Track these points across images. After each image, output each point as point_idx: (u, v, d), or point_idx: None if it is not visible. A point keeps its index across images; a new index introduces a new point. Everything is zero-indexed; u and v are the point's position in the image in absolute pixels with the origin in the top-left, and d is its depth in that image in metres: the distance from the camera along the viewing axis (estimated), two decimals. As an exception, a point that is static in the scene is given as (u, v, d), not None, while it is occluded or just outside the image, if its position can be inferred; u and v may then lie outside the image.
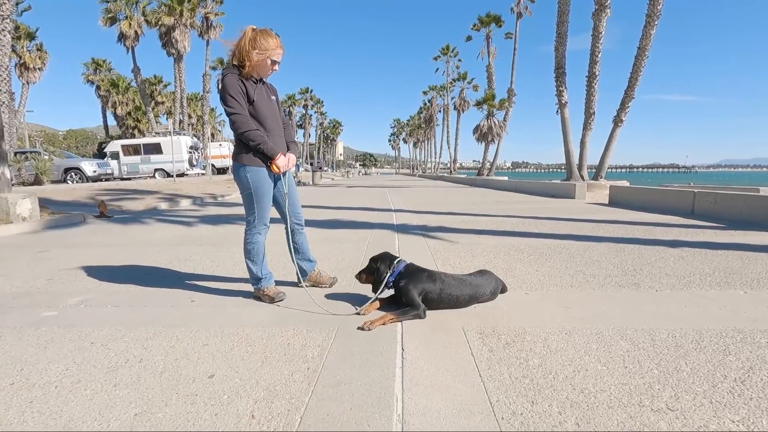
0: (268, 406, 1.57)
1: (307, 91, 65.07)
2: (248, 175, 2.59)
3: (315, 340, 2.15)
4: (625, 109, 16.42)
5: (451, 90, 44.99)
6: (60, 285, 3.27)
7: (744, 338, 2.14)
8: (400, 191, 16.59)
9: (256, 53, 2.49)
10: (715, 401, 1.58)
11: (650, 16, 14.97)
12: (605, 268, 3.59)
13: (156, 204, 9.95)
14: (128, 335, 2.24)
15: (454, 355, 1.99)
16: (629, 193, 9.96)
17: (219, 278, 3.40)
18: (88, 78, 38.34)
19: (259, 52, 2.49)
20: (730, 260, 3.82)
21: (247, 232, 2.72)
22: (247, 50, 2.48)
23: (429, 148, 66.95)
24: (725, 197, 7.10)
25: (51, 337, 2.23)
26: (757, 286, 3.03)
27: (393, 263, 2.61)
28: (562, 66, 17.68)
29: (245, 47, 2.49)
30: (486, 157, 33.44)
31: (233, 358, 1.96)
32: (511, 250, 4.41)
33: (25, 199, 6.52)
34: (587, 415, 1.50)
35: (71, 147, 51.88)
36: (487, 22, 32.68)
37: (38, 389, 1.71)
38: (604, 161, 17.38)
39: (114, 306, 2.75)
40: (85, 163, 19.44)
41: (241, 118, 2.48)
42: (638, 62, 15.72)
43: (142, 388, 1.70)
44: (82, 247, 4.96)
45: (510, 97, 30.71)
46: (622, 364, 1.87)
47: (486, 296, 2.67)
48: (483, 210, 8.74)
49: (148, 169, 24.23)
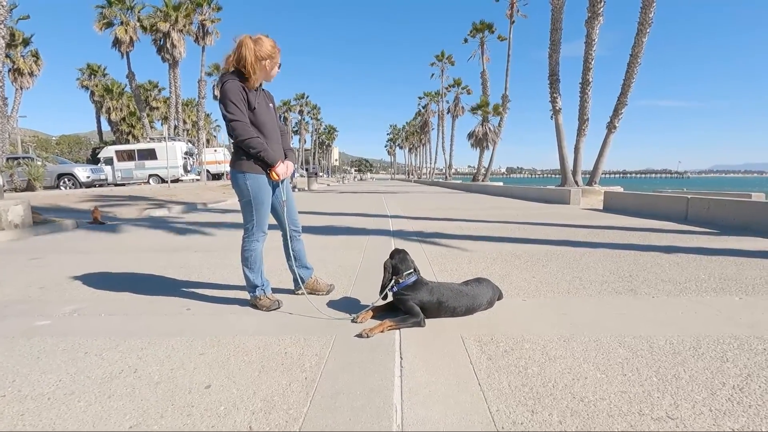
0: (266, 417, 1.55)
1: (303, 97, 65.21)
2: (248, 182, 2.58)
3: (313, 349, 2.13)
4: (618, 115, 16.56)
5: (446, 96, 45.24)
6: (53, 293, 3.23)
7: (741, 345, 2.15)
8: (396, 197, 16.60)
9: (268, 62, 2.54)
10: (715, 409, 1.58)
11: (642, 23, 15.17)
12: (602, 275, 3.60)
13: (150, 210, 9.88)
14: (123, 345, 2.21)
15: (453, 363, 1.98)
16: (623, 198, 10.03)
17: (215, 286, 3.37)
18: (83, 83, 38.21)
19: (270, 61, 2.54)
20: (725, 266, 3.85)
21: (245, 240, 2.70)
22: (252, 62, 2.47)
23: (424, 153, 67.20)
24: (718, 203, 7.17)
25: (44, 347, 2.19)
26: (753, 292, 3.05)
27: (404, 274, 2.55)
28: (556, 73, 17.84)
29: (249, 59, 2.46)
30: (481, 162, 33.57)
31: (230, 368, 1.94)
32: (507, 257, 4.42)
33: (18, 205, 6.44)
34: (588, 425, 1.50)
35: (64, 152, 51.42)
36: (481, 29, 32.95)
37: (30, 401, 1.67)
38: (598, 167, 17.50)
39: (108, 315, 2.71)
40: (78, 168, 19.27)
41: (242, 125, 2.47)
42: (631, 69, 15.89)
43: (137, 400, 1.67)
44: (76, 254, 4.90)
45: (504, 103, 30.90)
46: (621, 372, 1.87)
47: (483, 306, 2.67)
48: (479, 216, 8.76)
49: (142, 175, 24.07)
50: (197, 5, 27.76)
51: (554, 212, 9.42)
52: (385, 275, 2.58)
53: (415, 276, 2.57)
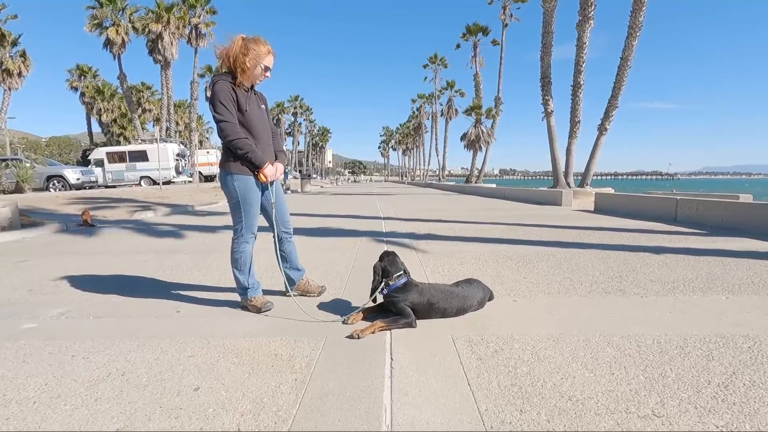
0: (255, 419, 1.55)
1: (297, 99, 65.07)
2: (236, 183, 2.57)
3: (303, 351, 2.13)
4: (609, 117, 16.76)
5: (439, 98, 45.42)
6: (40, 296, 3.19)
7: (726, 343, 2.18)
8: (389, 198, 16.61)
9: (248, 60, 2.49)
10: (700, 407, 1.60)
11: (632, 27, 15.38)
12: (592, 275, 3.63)
13: (141, 212, 9.79)
14: (111, 348, 2.19)
15: (443, 363, 1.99)
16: (614, 200, 10.14)
17: (205, 288, 3.35)
18: (73, 84, 37.80)
19: (251, 58, 2.49)
20: (713, 266, 3.90)
21: (235, 241, 2.69)
22: (239, 59, 2.48)
23: (418, 155, 67.33)
24: (707, 204, 7.27)
25: (30, 351, 2.16)
26: (739, 292, 3.09)
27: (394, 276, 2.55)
28: (548, 76, 18.02)
29: (237, 56, 2.48)
30: (474, 164, 33.73)
31: (219, 370, 1.93)
32: (499, 258, 4.44)
33: (5, 207, 6.36)
34: (575, 423, 1.51)
35: (54, 154, 50.85)
36: (474, 32, 33.17)
37: (15, 405, 1.65)
38: (590, 168, 17.68)
39: (96, 317, 2.68)
40: (68, 170, 19.04)
41: (230, 126, 2.46)
42: (621, 72, 16.10)
43: (124, 403, 1.66)
44: (64, 256, 4.85)
45: (497, 105, 31.12)
46: (609, 371, 1.89)
47: (474, 306, 2.68)
48: (471, 217, 8.80)
49: (133, 177, 23.87)
50: (190, 6, 27.60)
51: (546, 213, 9.49)
52: (375, 278, 2.58)
53: (405, 278, 2.57)
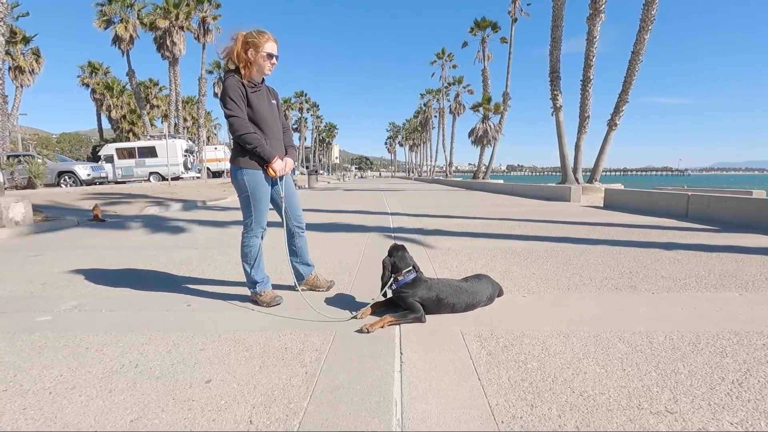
0: (266, 411, 1.56)
1: (303, 95, 65.06)
2: (245, 177, 2.58)
3: (313, 344, 2.14)
4: (619, 112, 16.52)
5: (446, 94, 45.15)
6: (54, 289, 3.24)
7: (740, 340, 2.15)
8: (396, 194, 16.59)
9: (250, 52, 2.51)
10: (714, 403, 1.59)
11: (644, 20, 15.11)
12: (602, 271, 3.60)
13: (151, 207, 9.88)
14: (123, 340, 2.22)
15: (453, 358, 1.99)
16: (624, 196, 10.02)
17: (215, 282, 3.38)
18: (84, 81, 38.19)
19: (253, 50, 2.50)
20: (725, 262, 3.85)
21: (245, 236, 2.70)
22: (241, 55, 2.50)
23: (425, 151, 67.10)
24: (719, 200, 7.16)
25: (45, 343, 2.20)
26: (752, 288, 3.05)
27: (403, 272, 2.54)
28: (557, 70, 17.78)
29: (239, 52, 2.50)
30: (482, 160, 33.52)
31: (230, 363, 1.95)
32: (508, 253, 4.42)
33: (18, 202, 6.46)
34: (587, 419, 1.50)
35: (65, 150, 51.54)
36: (483, 26, 32.84)
37: (32, 396, 1.68)
38: (599, 164, 17.47)
39: (109, 310, 2.72)
40: (79, 166, 19.25)
41: (239, 121, 2.48)
42: (632, 66, 15.84)
43: (138, 394, 1.68)
44: (76, 250, 4.91)
45: (505, 100, 30.84)
46: (620, 367, 1.88)
47: (483, 302, 2.67)
48: (479, 213, 8.76)
49: (142, 173, 24.07)
50: (198, 2, 27.68)
51: (555, 209, 9.41)
52: (384, 273, 2.58)
53: (414, 273, 2.57)
